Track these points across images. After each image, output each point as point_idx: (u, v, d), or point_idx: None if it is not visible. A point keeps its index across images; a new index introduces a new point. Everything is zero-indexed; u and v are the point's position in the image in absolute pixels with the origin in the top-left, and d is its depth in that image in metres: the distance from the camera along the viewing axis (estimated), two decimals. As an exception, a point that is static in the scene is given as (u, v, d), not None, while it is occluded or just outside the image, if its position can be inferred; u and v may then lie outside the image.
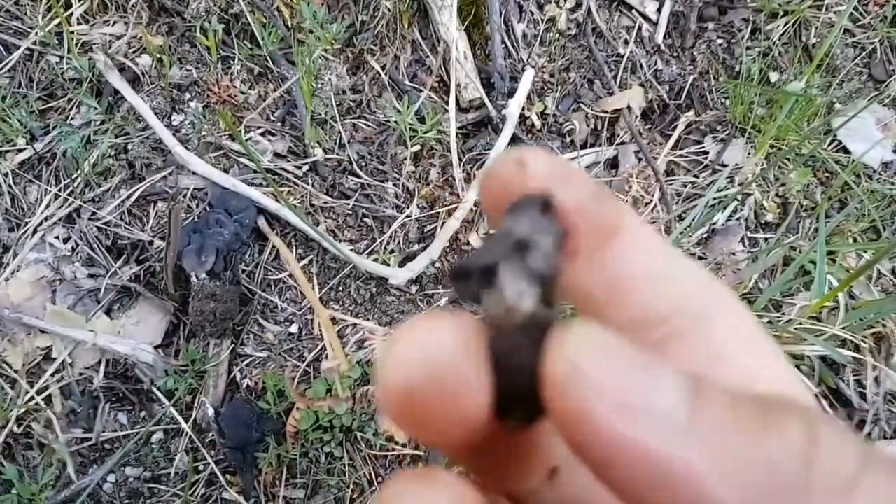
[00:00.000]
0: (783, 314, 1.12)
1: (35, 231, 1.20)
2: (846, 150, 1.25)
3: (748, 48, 1.26)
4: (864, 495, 0.16)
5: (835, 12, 1.31)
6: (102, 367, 1.16)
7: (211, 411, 1.12)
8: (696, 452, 0.16)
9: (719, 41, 1.28)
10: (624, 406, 0.16)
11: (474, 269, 0.21)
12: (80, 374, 1.16)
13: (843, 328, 1.09)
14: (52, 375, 1.15)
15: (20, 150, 1.23)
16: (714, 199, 1.19)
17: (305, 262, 1.18)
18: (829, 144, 1.24)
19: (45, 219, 1.20)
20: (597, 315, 0.25)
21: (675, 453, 0.16)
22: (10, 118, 1.22)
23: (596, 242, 0.24)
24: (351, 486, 1.10)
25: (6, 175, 1.21)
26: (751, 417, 0.17)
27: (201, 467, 1.13)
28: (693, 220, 1.02)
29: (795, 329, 1.08)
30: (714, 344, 0.24)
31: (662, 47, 1.28)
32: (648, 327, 0.24)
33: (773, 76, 1.27)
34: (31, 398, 1.14)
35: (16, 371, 1.15)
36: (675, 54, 1.28)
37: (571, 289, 0.25)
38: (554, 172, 0.23)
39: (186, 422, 1.14)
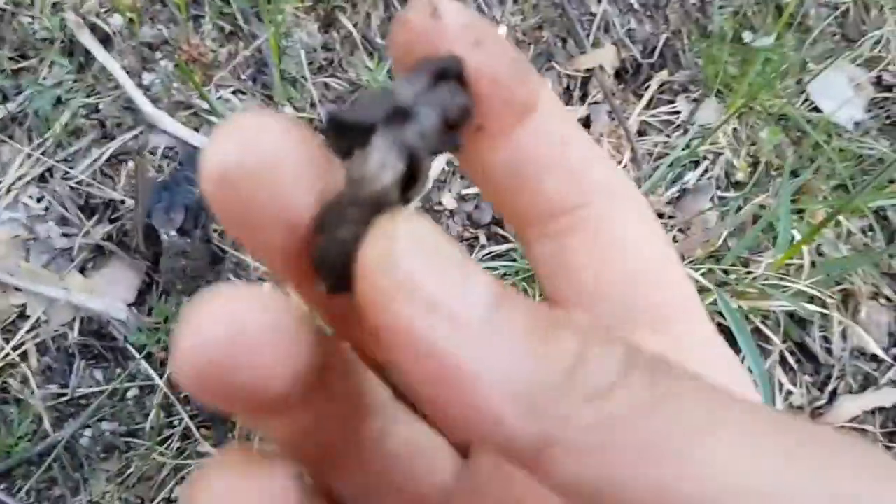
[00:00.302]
0: (751, 271, 1.13)
1: (8, 190, 1.21)
2: (819, 110, 1.25)
3: (721, 7, 1.26)
4: (617, 400, 0.16)
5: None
6: (77, 325, 1.17)
7: (183, 367, 1.14)
8: (477, 356, 0.16)
9: (692, 0, 1.28)
10: (424, 302, 0.16)
11: (351, 124, 0.20)
12: (55, 332, 1.17)
13: (811, 285, 1.10)
14: (28, 332, 1.17)
15: (-7, 111, 1.23)
16: (685, 158, 1.19)
17: (277, 220, 1.19)
18: (801, 104, 1.24)
19: (19, 178, 1.21)
20: (496, 196, 0.24)
21: (459, 354, 0.16)
22: (-19, 78, 1.22)
23: (506, 119, 0.22)
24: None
25: (-20, 135, 1.22)
26: (538, 330, 0.17)
27: (176, 422, 1.15)
28: (658, 178, 1.03)
29: (762, 285, 1.09)
30: (607, 239, 0.24)
31: (636, 6, 1.28)
32: (550, 216, 0.24)
33: (747, 35, 1.27)
34: (7, 355, 1.15)
35: (-9, 328, 1.16)
36: (648, 13, 1.28)
37: (473, 166, 0.24)
38: (470, 30, 0.21)
39: (160, 378, 1.16)
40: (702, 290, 1.09)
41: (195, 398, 0.17)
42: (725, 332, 1.03)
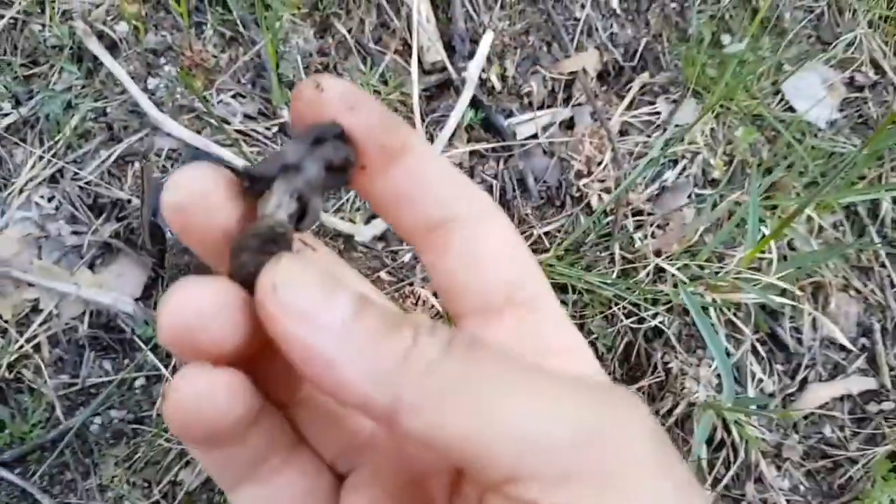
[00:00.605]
0: (725, 265, 1.19)
1: (21, 191, 1.27)
2: (793, 110, 1.30)
3: (699, 11, 1.31)
4: (439, 373, 0.23)
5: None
6: (87, 318, 1.24)
7: (188, 357, 1.20)
8: (338, 349, 0.23)
9: (672, 4, 1.33)
10: (298, 316, 0.23)
11: (257, 176, 0.28)
12: (66, 325, 1.24)
13: (781, 278, 1.16)
14: (40, 325, 1.23)
15: (6, 115, 1.30)
16: (664, 157, 1.25)
17: (276, 218, 1.25)
18: (777, 104, 1.30)
19: (31, 179, 1.27)
20: (386, 218, 0.32)
21: (325, 349, 0.23)
22: (-5, 84, 1.29)
23: (383, 161, 0.29)
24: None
25: (-7, 138, 1.28)
26: (384, 328, 0.24)
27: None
28: (636, 176, 1.08)
29: (734, 278, 1.15)
30: (473, 246, 0.31)
31: (618, 11, 1.33)
32: (427, 231, 0.31)
33: (726, 39, 1.32)
34: (21, 346, 1.22)
35: (6, 321, 1.23)
36: (630, 17, 1.33)
37: (366, 195, 0.31)
38: (345, 98, 0.28)
39: (166, 368, 1.22)
40: (676, 285, 1.15)
41: (176, 351, 0.25)
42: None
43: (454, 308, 0.31)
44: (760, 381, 1.16)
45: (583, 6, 1.32)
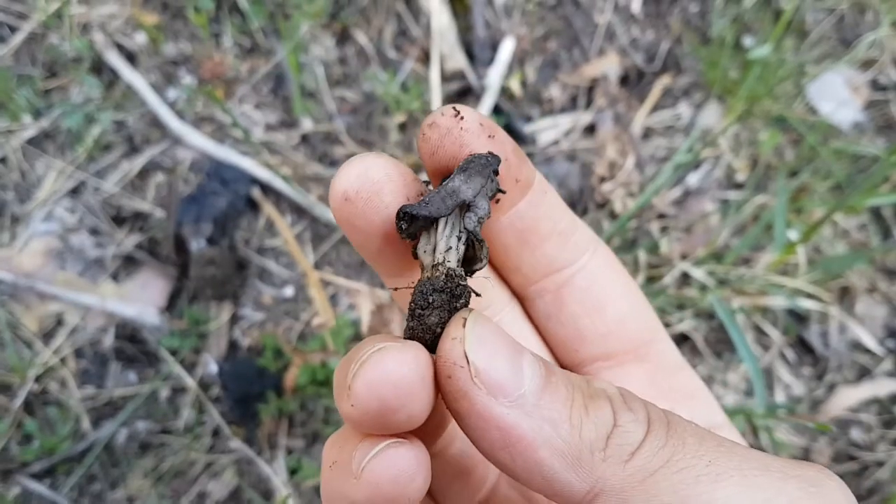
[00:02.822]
0: (752, 268, 1.18)
1: (44, 203, 1.27)
2: (817, 111, 1.29)
3: (721, 15, 1.30)
4: (644, 456, 0.22)
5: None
6: (112, 330, 1.24)
7: (214, 367, 1.20)
8: (533, 427, 0.22)
9: (693, 8, 1.32)
10: (488, 390, 0.22)
11: (420, 216, 0.26)
12: (92, 337, 1.24)
13: (809, 281, 1.15)
14: (66, 338, 1.24)
15: (27, 128, 1.30)
16: (688, 162, 1.24)
17: (299, 228, 1.25)
18: (801, 105, 1.29)
19: (53, 192, 1.27)
20: (505, 257, 0.31)
21: (519, 426, 0.22)
22: (16, 97, 1.28)
23: (516, 195, 0.29)
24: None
25: (15, 151, 1.28)
26: (578, 401, 0.23)
27: (206, 419, 1.22)
28: (665, 182, 1.08)
29: (762, 283, 1.14)
30: (593, 290, 0.31)
31: (638, 15, 1.32)
32: (548, 274, 0.31)
33: (747, 41, 1.32)
34: (48, 359, 1.22)
35: (33, 334, 1.23)
36: (650, 22, 1.32)
37: (491, 234, 0.30)
38: (485, 126, 0.27)
39: (192, 379, 1.22)
40: (703, 288, 1.14)
41: (363, 425, 0.24)
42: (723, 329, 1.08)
43: (574, 357, 0.30)
44: (787, 385, 1.16)
45: (603, 11, 1.32)
